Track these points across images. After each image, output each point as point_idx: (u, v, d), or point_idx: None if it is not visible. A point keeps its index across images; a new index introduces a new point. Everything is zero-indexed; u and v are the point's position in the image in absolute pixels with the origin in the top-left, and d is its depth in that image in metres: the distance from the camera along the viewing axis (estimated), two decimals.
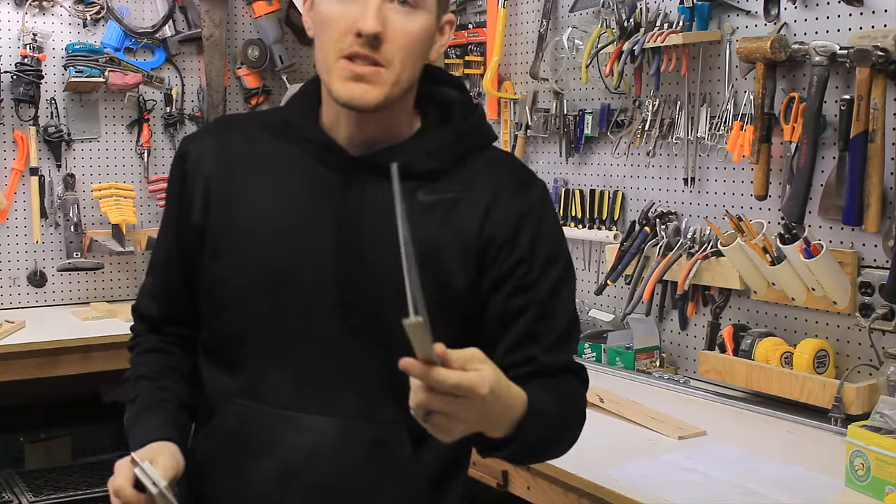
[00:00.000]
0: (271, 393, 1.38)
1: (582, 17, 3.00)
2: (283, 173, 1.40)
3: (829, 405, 2.18)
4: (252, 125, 1.48)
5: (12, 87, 3.60)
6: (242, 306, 1.39)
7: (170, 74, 3.95)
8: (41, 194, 3.71)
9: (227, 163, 1.43)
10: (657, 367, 2.73)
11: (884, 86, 2.13)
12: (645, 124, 2.75)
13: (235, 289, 1.40)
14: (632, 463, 2.00)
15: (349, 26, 1.29)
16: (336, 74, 1.30)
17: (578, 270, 3.08)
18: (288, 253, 1.37)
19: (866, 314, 2.21)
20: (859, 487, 1.80)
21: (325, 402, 1.35)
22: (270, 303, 1.37)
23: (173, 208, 1.48)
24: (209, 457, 1.44)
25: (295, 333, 1.37)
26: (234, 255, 1.39)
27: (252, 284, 1.38)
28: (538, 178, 1.47)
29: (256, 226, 1.38)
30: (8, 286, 3.73)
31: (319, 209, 1.36)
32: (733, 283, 2.50)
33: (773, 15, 2.42)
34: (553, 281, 1.45)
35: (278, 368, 1.38)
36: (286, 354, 1.37)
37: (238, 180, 1.41)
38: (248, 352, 1.40)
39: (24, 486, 3.57)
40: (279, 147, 1.41)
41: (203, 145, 1.46)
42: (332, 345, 1.36)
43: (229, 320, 1.41)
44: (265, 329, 1.38)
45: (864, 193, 2.17)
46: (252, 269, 1.38)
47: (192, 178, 1.44)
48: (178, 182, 1.46)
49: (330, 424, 1.36)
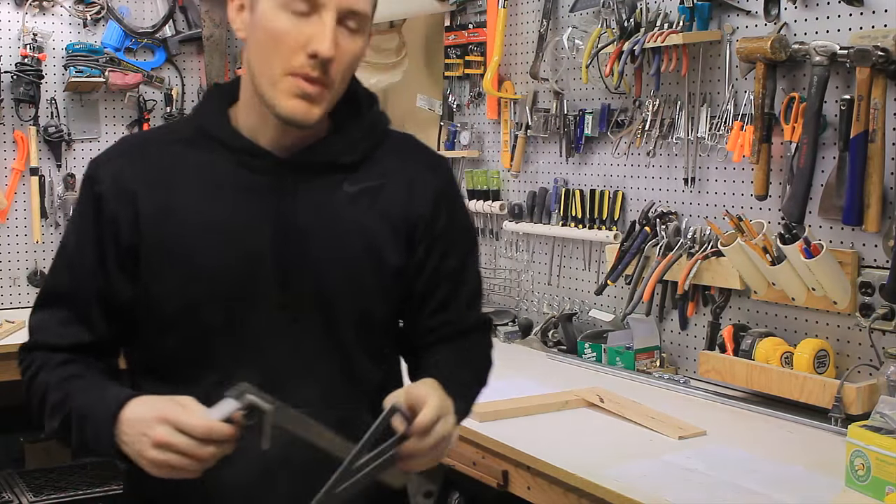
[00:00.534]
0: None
1: (582, 17, 3.00)
2: (212, 184, 1.40)
3: (829, 405, 2.18)
4: (166, 140, 1.46)
5: (12, 87, 3.61)
6: (193, 320, 1.39)
7: (170, 74, 3.96)
8: (41, 194, 3.72)
9: (151, 180, 1.40)
10: (657, 367, 2.73)
11: (884, 86, 2.13)
12: (645, 124, 2.75)
13: (184, 304, 1.39)
14: (632, 463, 2.00)
15: (301, 45, 1.30)
16: (282, 90, 1.32)
17: (578, 270, 3.09)
18: (231, 261, 1.39)
19: (866, 314, 2.21)
20: (859, 487, 1.80)
21: (289, 397, 1.31)
22: (222, 312, 1.39)
23: (89, 234, 1.41)
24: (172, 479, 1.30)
25: (249, 337, 1.40)
26: (177, 271, 1.39)
27: (200, 297, 1.39)
28: (441, 156, 1.59)
29: (195, 239, 1.38)
30: (8, 286, 3.73)
31: (255, 215, 1.39)
32: (733, 283, 2.50)
33: (774, 15, 2.42)
34: (465, 251, 1.56)
35: (238, 373, 1.33)
36: (245, 359, 1.40)
37: (168, 196, 1.39)
38: (204, 363, 1.40)
39: (24, 486, 3.58)
40: (202, 158, 1.41)
41: (117, 166, 1.43)
42: (287, 342, 1.41)
43: (180, 335, 1.40)
44: (220, 338, 1.40)
45: (864, 193, 2.17)
46: (198, 283, 1.39)
47: (112, 200, 1.40)
48: (94, 207, 1.41)
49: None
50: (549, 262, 3.18)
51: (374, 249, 1.44)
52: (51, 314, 1.45)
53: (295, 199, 1.40)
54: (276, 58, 1.31)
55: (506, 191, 3.39)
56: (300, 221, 1.40)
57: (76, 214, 1.46)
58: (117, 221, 1.39)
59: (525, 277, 3.28)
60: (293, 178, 1.40)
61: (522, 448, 2.09)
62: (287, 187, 1.40)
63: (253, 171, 1.39)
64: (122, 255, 1.40)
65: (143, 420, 1.26)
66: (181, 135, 1.45)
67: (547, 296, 3.19)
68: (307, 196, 1.41)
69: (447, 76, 3.58)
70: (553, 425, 2.29)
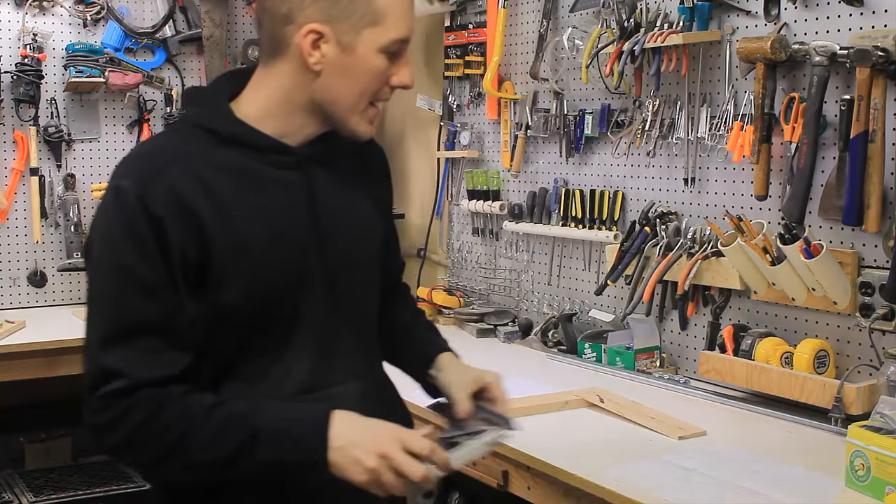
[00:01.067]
0: (300, 383, 1.50)
1: (582, 18, 3.00)
2: (250, 183, 1.49)
3: (829, 405, 2.18)
4: (189, 151, 1.47)
5: (12, 87, 3.61)
6: (262, 316, 1.48)
7: (170, 75, 3.96)
8: (41, 194, 3.72)
9: (201, 191, 1.43)
10: (657, 367, 2.73)
11: (884, 86, 2.13)
12: (645, 124, 2.75)
13: (253, 302, 1.46)
14: (632, 463, 2.00)
15: (388, 79, 1.51)
16: (364, 116, 1.52)
17: (578, 270, 3.09)
18: (284, 252, 1.50)
19: (866, 314, 2.21)
20: (859, 487, 1.80)
21: (349, 371, 1.55)
22: (286, 301, 1.50)
23: (154, 255, 1.39)
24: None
25: (308, 320, 1.52)
26: (242, 273, 1.45)
27: (266, 292, 1.47)
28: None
29: (250, 239, 1.46)
30: (8, 286, 3.73)
31: (292, 206, 1.52)
32: (733, 283, 2.50)
33: (773, 15, 2.42)
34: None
35: (303, 359, 1.51)
36: (308, 342, 1.51)
37: (219, 203, 1.44)
38: (273, 354, 1.50)
39: (24, 486, 3.58)
40: (234, 161, 1.49)
41: (168, 183, 1.41)
42: (336, 320, 1.55)
43: (249, 333, 1.48)
44: (285, 325, 1.50)
45: (864, 193, 2.17)
46: (261, 279, 1.47)
47: (172, 220, 1.39)
48: (153, 229, 1.39)
49: (358, 388, 1.55)
50: (549, 262, 3.18)
51: (375, 220, 1.65)
52: (129, 348, 1.39)
53: (320, 186, 1.54)
54: (368, 92, 1.50)
55: (506, 191, 3.39)
56: (325, 206, 1.54)
57: (130, 237, 1.39)
58: (183, 240, 1.41)
59: (525, 277, 3.28)
60: (311, 168, 1.54)
61: (522, 448, 2.09)
62: (309, 177, 1.54)
63: (279, 167, 1.52)
64: (189, 272, 1.42)
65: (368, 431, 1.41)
66: (198, 140, 1.49)
67: (547, 296, 3.19)
68: (326, 184, 1.55)
69: (447, 76, 3.58)
70: (553, 425, 2.29)
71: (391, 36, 1.48)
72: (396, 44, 1.49)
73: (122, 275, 1.40)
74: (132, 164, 1.48)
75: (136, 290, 1.39)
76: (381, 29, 1.47)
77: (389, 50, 1.48)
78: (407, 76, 1.52)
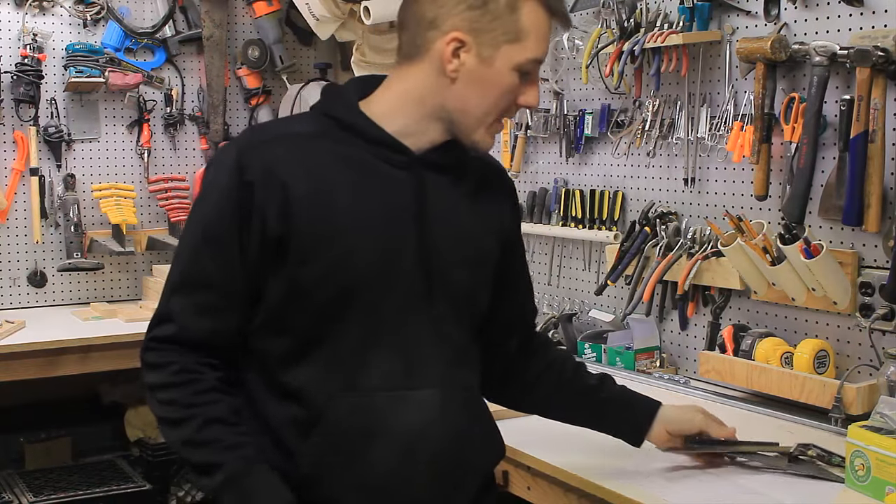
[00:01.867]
0: (379, 378, 1.52)
1: (582, 18, 3.00)
2: (356, 174, 1.52)
3: (829, 405, 2.18)
4: (306, 132, 1.54)
5: (12, 88, 3.61)
6: (342, 305, 1.50)
7: (170, 75, 3.96)
8: (41, 194, 3.71)
9: (299, 169, 1.48)
10: (657, 368, 2.73)
11: (884, 86, 2.13)
12: (645, 124, 2.75)
13: (336, 290, 1.49)
14: (632, 463, 2.00)
15: (516, 97, 1.55)
16: (489, 130, 1.56)
17: (579, 270, 3.08)
18: (379, 248, 1.51)
19: (866, 314, 2.21)
20: (859, 488, 1.80)
21: (429, 377, 1.56)
22: (370, 297, 1.51)
23: (233, 219, 1.48)
24: (324, 458, 1.51)
25: (393, 322, 1.53)
26: (328, 258, 1.48)
27: (352, 283, 1.50)
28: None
29: (344, 227, 1.49)
30: (8, 286, 3.73)
31: (397, 205, 1.53)
32: (733, 283, 2.50)
33: (773, 15, 2.42)
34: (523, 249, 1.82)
35: (383, 355, 1.52)
36: (389, 342, 1.53)
37: (316, 185, 1.48)
38: (347, 346, 1.51)
39: (24, 486, 3.58)
40: (344, 149, 1.52)
41: (267, 155, 1.49)
42: (425, 328, 1.55)
43: (325, 319, 1.50)
44: (362, 320, 1.51)
45: (864, 194, 2.17)
46: (348, 270, 1.49)
47: (260, 188, 1.47)
48: (240, 193, 1.47)
49: (436, 396, 1.55)
50: (549, 262, 3.18)
51: (482, 238, 1.64)
52: (189, 299, 1.51)
53: (426, 192, 1.55)
54: (500, 105, 1.54)
55: None
56: (432, 213, 1.55)
57: (218, 197, 1.50)
58: (266, 209, 1.46)
59: None
60: (424, 173, 1.55)
61: (522, 448, 2.09)
62: (420, 181, 1.55)
63: (391, 164, 1.54)
64: (269, 243, 1.47)
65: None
66: (319, 125, 1.55)
67: (547, 296, 3.19)
68: (435, 190, 1.56)
69: None
70: (553, 425, 2.28)
71: (528, 55, 1.53)
72: (531, 63, 1.54)
73: (203, 230, 1.51)
74: (245, 133, 1.62)
75: (209, 247, 1.50)
76: (520, 47, 1.52)
77: (524, 69, 1.53)
78: (533, 97, 1.57)
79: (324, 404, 1.50)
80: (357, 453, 1.52)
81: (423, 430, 1.54)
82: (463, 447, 1.59)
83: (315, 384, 1.51)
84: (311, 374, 1.51)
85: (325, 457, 1.51)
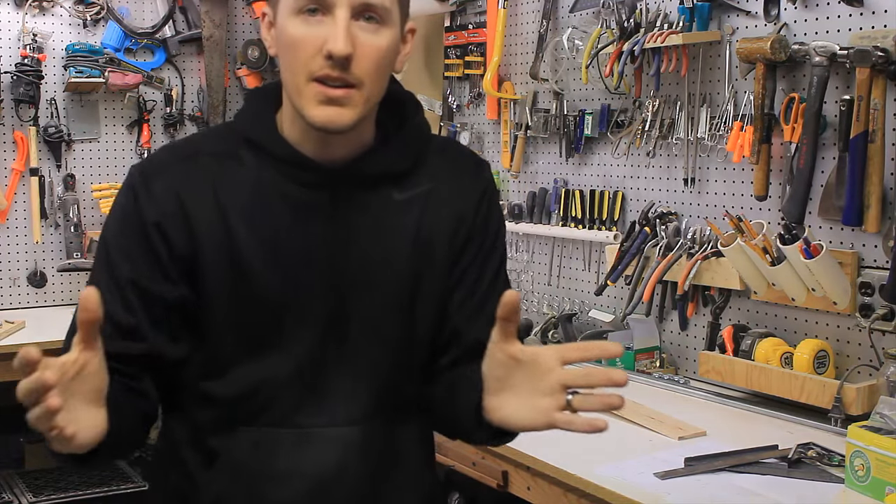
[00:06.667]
0: (287, 415, 1.38)
1: (582, 18, 3.00)
2: (264, 198, 1.36)
3: (829, 405, 2.18)
4: (216, 150, 1.39)
5: (12, 88, 3.61)
6: (244, 331, 1.37)
7: (170, 75, 3.96)
8: (41, 194, 3.72)
9: (205, 194, 1.35)
10: (657, 368, 2.73)
11: (884, 86, 2.13)
12: (645, 125, 2.75)
13: (237, 317, 1.36)
14: (632, 463, 2.00)
15: (318, 48, 1.27)
16: (308, 98, 1.29)
17: (578, 271, 3.08)
18: (283, 282, 1.36)
19: (866, 314, 2.21)
20: (859, 488, 1.80)
21: (348, 413, 1.39)
22: (274, 325, 1.37)
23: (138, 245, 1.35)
24: (224, 495, 1.39)
25: (298, 351, 1.37)
26: (231, 286, 1.35)
27: (254, 311, 1.36)
28: (482, 158, 1.55)
29: (249, 255, 1.35)
30: (8, 286, 3.73)
31: (307, 230, 1.36)
32: (733, 283, 2.50)
33: (773, 15, 2.42)
34: (501, 255, 1.51)
35: (292, 390, 1.38)
36: (297, 376, 1.38)
37: (221, 210, 1.35)
38: (250, 380, 1.37)
39: (24, 487, 3.58)
40: (252, 171, 1.37)
41: (169, 178, 1.36)
42: (333, 359, 1.39)
43: (231, 343, 1.37)
44: (269, 349, 1.37)
45: (864, 194, 2.17)
46: (251, 300, 1.36)
47: (164, 213, 1.34)
48: (141, 218, 1.34)
49: (354, 433, 1.40)
50: (549, 262, 3.18)
51: (426, 259, 1.42)
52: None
53: (347, 212, 1.37)
54: (298, 65, 1.29)
55: (506, 191, 3.39)
56: (352, 235, 1.38)
57: (119, 222, 1.37)
58: (169, 233, 1.34)
59: (525, 278, 3.28)
60: (344, 191, 1.37)
61: (522, 448, 2.09)
62: (338, 201, 1.37)
63: (301, 184, 1.36)
64: (173, 264, 1.34)
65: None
66: (229, 144, 1.39)
67: (547, 296, 3.19)
68: (358, 208, 1.38)
69: (447, 76, 3.59)
70: None
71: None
72: (306, 2, 1.28)
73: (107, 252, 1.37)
74: (157, 154, 1.44)
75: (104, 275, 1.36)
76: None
77: (301, 10, 1.28)
78: (333, 42, 1.26)
79: (219, 440, 1.39)
80: (260, 494, 1.38)
81: (339, 472, 1.39)
82: (381, 490, 1.44)
83: (217, 418, 1.39)
84: (213, 409, 1.39)
85: (227, 494, 1.39)
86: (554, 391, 1.21)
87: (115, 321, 1.33)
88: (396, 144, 1.41)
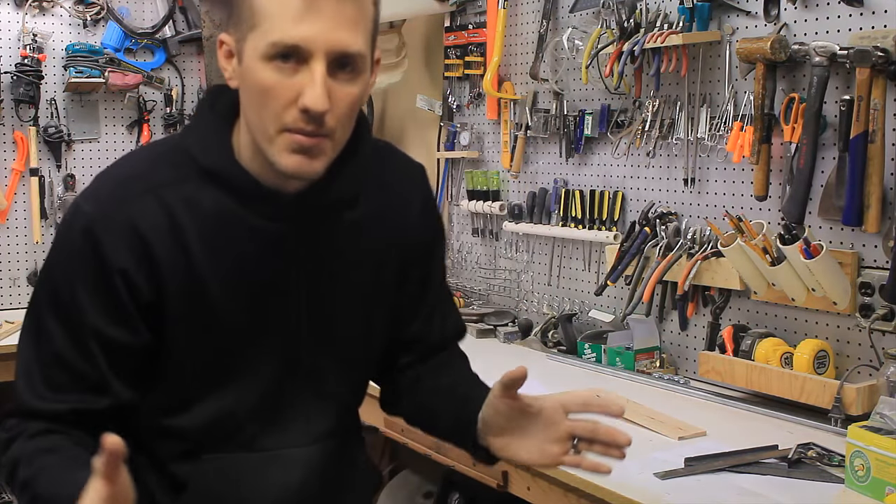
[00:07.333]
0: (255, 438, 1.40)
1: (582, 18, 3.00)
2: (223, 230, 1.32)
3: (829, 406, 2.18)
4: (170, 180, 1.32)
5: (12, 88, 3.61)
6: (212, 369, 1.36)
7: (170, 75, 3.96)
8: (41, 195, 3.72)
9: (164, 230, 1.29)
10: (657, 368, 2.73)
11: (884, 86, 2.13)
12: (645, 125, 2.75)
13: (204, 355, 1.35)
14: (632, 463, 1.99)
15: (291, 100, 1.22)
16: (279, 147, 1.24)
17: (579, 271, 3.08)
18: (250, 311, 1.35)
19: (866, 315, 2.21)
20: (859, 488, 1.80)
21: (307, 432, 1.43)
22: (241, 361, 1.37)
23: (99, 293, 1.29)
24: None
25: (265, 381, 1.39)
26: (197, 323, 1.33)
27: (220, 346, 1.35)
28: (414, 160, 1.55)
29: (216, 296, 1.32)
30: (8, 286, 3.73)
31: (264, 265, 1.34)
32: (733, 283, 2.50)
33: (773, 15, 2.42)
34: (442, 254, 1.60)
35: (255, 416, 1.39)
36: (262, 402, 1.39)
37: (182, 246, 1.30)
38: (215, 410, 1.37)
39: None
40: (210, 202, 1.31)
41: (126, 215, 1.28)
42: (306, 380, 1.42)
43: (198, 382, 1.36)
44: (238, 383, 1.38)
45: (864, 194, 2.17)
46: (217, 334, 1.34)
47: (124, 252, 1.28)
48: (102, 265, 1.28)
49: (313, 452, 1.44)
50: (548, 262, 3.18)
51: (378, 275, 1.45)
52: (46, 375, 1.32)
53: (307, 240, 1.36)
54: (268, 114, 1.23)
55: (505, 191, 3.39)
56: (313, 262, 1.38)
57: (77, 268, 1.29)
58: (135, 280, 1.28)
59: (525, 278, 3.28)
60: (304, 219, 1.35)
61: None
62: (299, 229, 1.35)
63: (259, 214, 1.32)
64: (132, 306, 1.30)
65: None
66: (183, 172, 1.32)
67: (547, 296, 3.19)
68: (317, 235, 1.37)
69: (447, 76, 3.58)
70: None
71: (269, 39, 1.20)
72: (280, 49, 1.20)
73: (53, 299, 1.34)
74: (101, 187, 1.34)
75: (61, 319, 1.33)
76: (260, 32, 1.21)
77: (274, 57, 1.21)
78: (311, 97, 1.19)
79: (188, 467, 1.38)
80: None
81: (301, 490, 1.42)
82: (340, 498, 1.50)
83: (181, 448, 1.39)
84: (177, 441, 1.39)
85: None
86: (561, 440, 1.35)
87: (77, 371, 1.29)
88: (353, 170, 1.38)
